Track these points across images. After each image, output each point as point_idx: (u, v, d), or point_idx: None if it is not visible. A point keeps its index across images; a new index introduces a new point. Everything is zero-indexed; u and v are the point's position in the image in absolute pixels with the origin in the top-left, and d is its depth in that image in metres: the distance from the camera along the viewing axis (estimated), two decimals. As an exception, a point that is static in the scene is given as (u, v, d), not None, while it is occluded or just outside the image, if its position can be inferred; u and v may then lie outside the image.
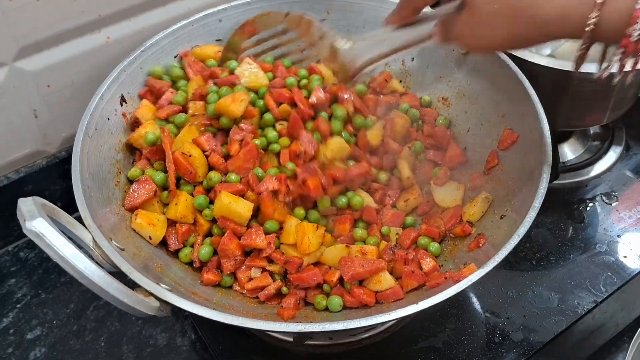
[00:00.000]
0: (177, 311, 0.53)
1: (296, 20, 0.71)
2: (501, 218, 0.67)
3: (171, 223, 0.69)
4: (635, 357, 0.75)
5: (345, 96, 0.76)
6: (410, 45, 0.63)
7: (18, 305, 0.79)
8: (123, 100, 0.74)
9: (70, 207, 0.60)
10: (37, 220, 0.48)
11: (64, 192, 0.87)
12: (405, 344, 0.73)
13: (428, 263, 0.66)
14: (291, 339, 0.71)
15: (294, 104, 0.74)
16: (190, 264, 0.69)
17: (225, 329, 0.70)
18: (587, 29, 0.47)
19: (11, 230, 0.85)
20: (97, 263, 0.51)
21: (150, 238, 0.67)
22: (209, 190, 0.70)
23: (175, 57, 0.81)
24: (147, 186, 0.69)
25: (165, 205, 0.71)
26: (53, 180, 0.86)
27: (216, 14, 0.82)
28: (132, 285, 0.54)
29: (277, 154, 0.73)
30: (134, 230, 0.66)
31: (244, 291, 0.67)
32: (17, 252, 0.86)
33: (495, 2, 0.51)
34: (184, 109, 0.76)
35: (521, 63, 0.75)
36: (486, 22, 0.53)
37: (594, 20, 0.47)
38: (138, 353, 0.74)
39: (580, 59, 0.52)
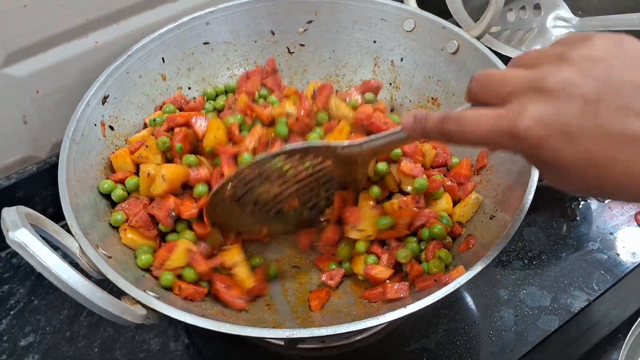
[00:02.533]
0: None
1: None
2: (491, 219, 0.66)
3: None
4: (630, 355, 0.75)
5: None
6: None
7: (11, 312, 0.79)
8: (105, 99, 0.73)
9: (61, 213, 0.60)
10: (19, 231, 0.48)
11: (55, 198, 0.85)
12: (397, 345, 0.73)
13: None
14: (283, 343, 0.71)
15: None
16: None
17: (218, 333, 0.70)
18: None
19: (3, 237, 0.85)
20: (82, 272, 0.51)
21: None
22: None
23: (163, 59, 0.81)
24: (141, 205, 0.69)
25: None
26: (44, 186, 0.85)
27: (203, 17, 0.81)
28: (120, 294, 0.54)
29: None
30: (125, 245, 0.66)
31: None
32: (10, 258, 0.86)
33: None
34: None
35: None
36: None
37: None
38: (131, 358, 0.74)
39: None
